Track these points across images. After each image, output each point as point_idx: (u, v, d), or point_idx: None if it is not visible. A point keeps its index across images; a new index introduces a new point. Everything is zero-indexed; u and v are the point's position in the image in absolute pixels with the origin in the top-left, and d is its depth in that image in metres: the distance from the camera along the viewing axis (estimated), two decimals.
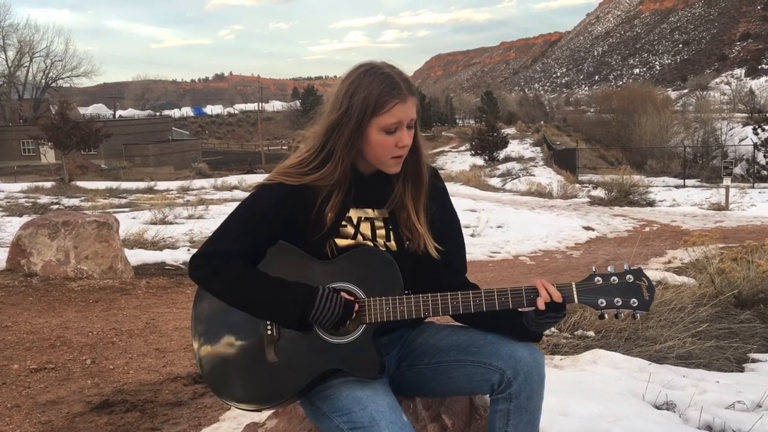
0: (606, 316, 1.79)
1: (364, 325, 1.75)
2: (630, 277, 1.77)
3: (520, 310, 1.79)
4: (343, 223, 1.84)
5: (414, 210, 1.88)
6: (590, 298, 1.77)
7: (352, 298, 1.75)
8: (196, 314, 1.88)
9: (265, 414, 2.19)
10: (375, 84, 1.75)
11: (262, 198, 1.82)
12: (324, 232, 1.81)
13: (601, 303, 1.77)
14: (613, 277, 1.78)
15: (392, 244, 1.88)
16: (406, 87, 1.78)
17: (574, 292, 1.77)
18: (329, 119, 1.80)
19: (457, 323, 1.97)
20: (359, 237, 1.85)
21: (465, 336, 1.88)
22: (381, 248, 1.86)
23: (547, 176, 29.15)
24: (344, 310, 1.71)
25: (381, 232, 1.88)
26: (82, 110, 72.98)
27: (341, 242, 1.83)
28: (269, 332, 1.78)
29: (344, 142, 1.78)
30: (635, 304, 1.76)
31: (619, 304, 1.76)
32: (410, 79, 1.83)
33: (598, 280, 1.78)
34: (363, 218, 1.87)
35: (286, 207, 1.80)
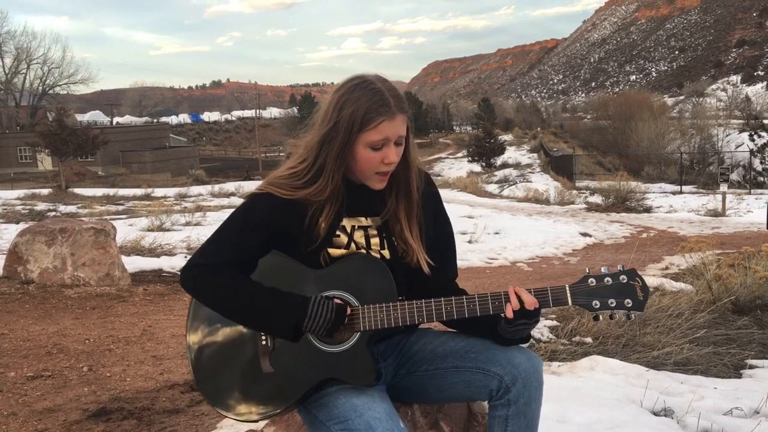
0: (601, 317, 1.79)
1: (359, 333, 1.75)
2: (623, 278, 1.76)
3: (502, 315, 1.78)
4: (337, 233, 1.83)
5: (407, 224, 1.87)
6: (584, 300, 1.76)
7: (343, 303, 1.74)
8: (192, 324, 1.88)
9: (263, 422, 2.18)
10: (363, 99, 1.72)
11: (254, 209, 1.80)
12: (317, 243, 1.80)
13: (595, 305, 1.76)
14: (607, 278, 1.77)
15: (386, 252, 1.86)
16: (395, 103, 1.75)
17: (568, 295, 1.76)
18: (320, 132, 1.78)
19: (451, 329, 1.96)
20: (353, 246, 1.84)
21: (463, 342, 1.87)
22: (375, 256, 1.85)
23: (544, 182, 29.21)
24: (336, 314, 1.70)
25: (375, 240, 1.86)
26: (80, 117, 73.16)
27: (335, 252, 1.82)
28: (264, 342, 1.77)
29: (334, 157, 1.76)
30: (629, 305, 1.75)
31: (614, 305, 1.75)
32: (401, 96, 1.79)
33: (592, 281, 1.77)
34: (357, 227, 1.85)
35: (278, 219, 1.79)
